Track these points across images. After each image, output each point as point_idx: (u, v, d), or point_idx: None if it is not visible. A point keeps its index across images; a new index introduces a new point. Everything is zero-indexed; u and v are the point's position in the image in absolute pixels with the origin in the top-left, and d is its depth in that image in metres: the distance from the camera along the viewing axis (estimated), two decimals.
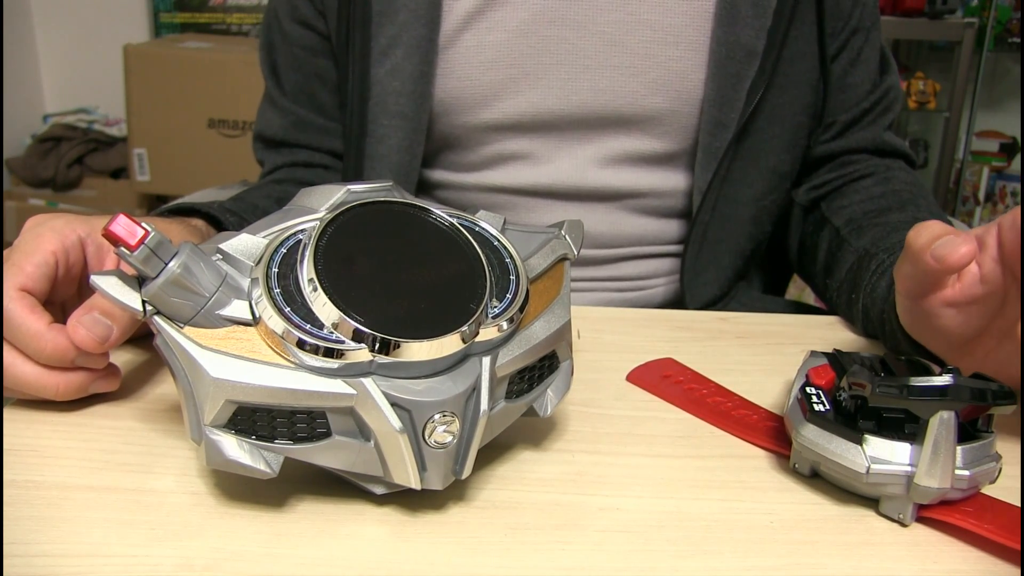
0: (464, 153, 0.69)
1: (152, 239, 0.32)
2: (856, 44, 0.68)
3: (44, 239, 0.42)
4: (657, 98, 0.65)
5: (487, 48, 0.64)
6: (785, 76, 0.65)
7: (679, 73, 0.64)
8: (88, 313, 0.39)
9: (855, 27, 0.67)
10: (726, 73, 0.63)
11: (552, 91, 0.65)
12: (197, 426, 0.33)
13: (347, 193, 0.37)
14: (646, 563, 0.33)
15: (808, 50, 0.66)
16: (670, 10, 0.63)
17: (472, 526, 0.35)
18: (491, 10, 0.64)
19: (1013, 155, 2.45)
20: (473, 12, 0.64)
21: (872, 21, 0.69)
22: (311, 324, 0.32)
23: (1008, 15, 2.33)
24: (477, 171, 0.70)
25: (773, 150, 0.67)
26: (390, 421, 0.32)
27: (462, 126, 0.67)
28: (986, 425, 0.37)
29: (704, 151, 0.65)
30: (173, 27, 2.47)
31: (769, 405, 0.46)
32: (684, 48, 0.64)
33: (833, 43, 0.67)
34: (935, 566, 0.34)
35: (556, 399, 0.40)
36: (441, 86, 0.66)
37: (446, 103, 0.66)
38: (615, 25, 0.64)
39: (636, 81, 0.65)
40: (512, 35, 0.64)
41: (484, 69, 0.65)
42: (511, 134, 0.67)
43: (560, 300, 0.39)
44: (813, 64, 0.66)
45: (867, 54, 0.69)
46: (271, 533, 0.34)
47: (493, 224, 0.40)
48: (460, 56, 0.65)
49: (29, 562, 0.31)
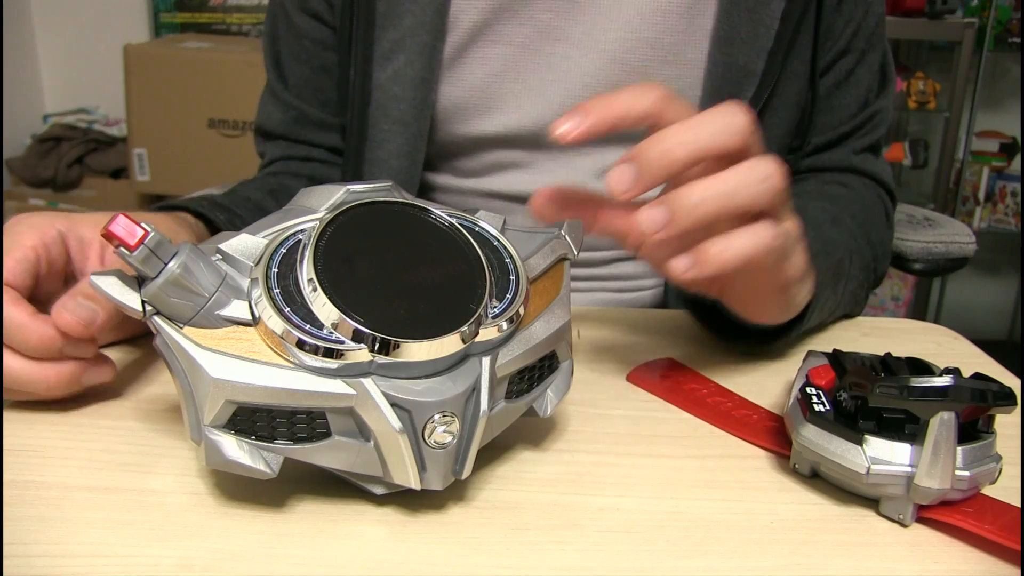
0: (464, 160, 0.69)
1: (151, 239, 0.32)
2: (844, 66, 0.67)
3: (23, 235, 0.42)
4: None
5: (492, 60, 0.65)
6: (779, 97, 0.65)
7: (677, 91, 0.63)
8: (72, 299, 0.39)
9: (844, 48, 0.67)
10: (723, 93, 0.63)
11: (553, 106, 0.65)
12: (197, 426, 0.33)
13: (347, 193, 0.37)
14: (646, 563, 0.33)
15: (802, 70, 0.65)
16: (670, 28, 0.63)
17: (472, 526, 0.35)
18: (498, 24, 0.64)
19: (1013, 155, 2.45)
20: (480, 25, 0.64)
21: (869, 44, 0.68)
22: (311, 324, 0.32)
23: (1008, 15, 2.32)
24: (477, 177, 0.70)
25: None
26: (390, 421, 0.32)
27: (463, 135, 0.67)
28: (986, 426, 0.37)
29: None
30: (173, 27, 2.47)
31: (769, 405, 0.46)
32: (682, 67, 0.64)
33: (821, 63, 0.66)
34: (935, 566, 0.34)
35: (556, 399, 0.40)
36: (446, 94, 0.66)
37: (449, 111, 0.66)
38: (616, 43, 0.64)
39: None
40: (517, 49, 0.65)
41: (488, 81, 0.65)
42: (511, 145, 0.67)
43: (560, 300, 0.39)
44: (803, 85, 0.66)
45: (859, 76, 0.68)
46: (271, 533, 0.34)
47: (493, 224, 0.40)
48: (465, 67, 0.65)
49: (29, 562, 0.31)
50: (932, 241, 1.44)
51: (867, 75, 0.68)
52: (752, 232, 0.40)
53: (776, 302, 0.46)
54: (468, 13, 0.64)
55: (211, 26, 2.47)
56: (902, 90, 2.20)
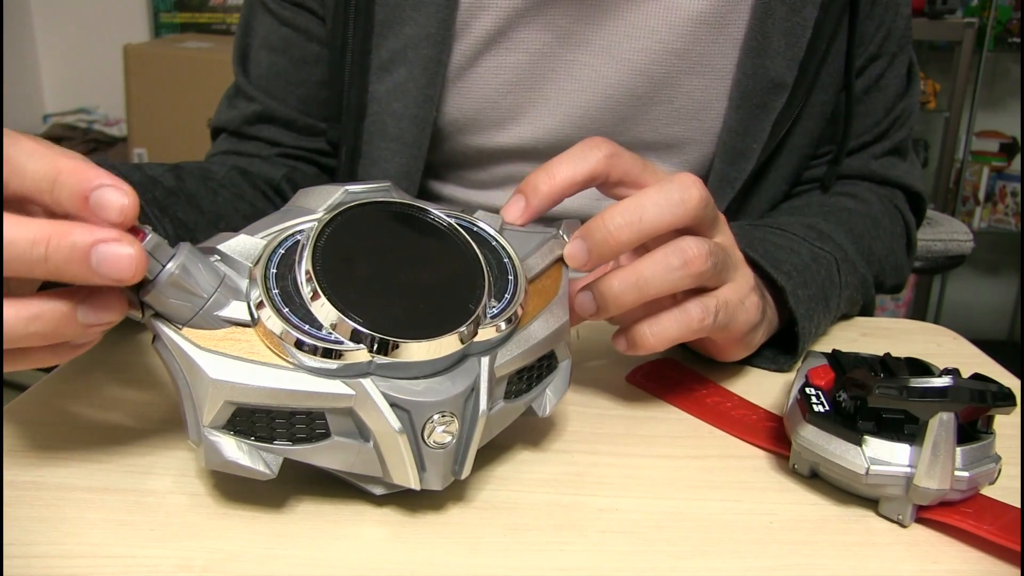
0: (475, 171, 0.67)
1: (149, 241, 0.31)
2: (875, 71, 0.65)
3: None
4: (678, 127, 0.63)
5: (506, 69, 0.61)
6: (808, 108, 0.63)
7: (702, 102, 0.62)
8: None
9: (875, 54, 0.65)
10: (751, 104, 0.61)
11: (571, 118, 0.62)
12: (196, 427, 0.33)
13: (345, 193, 0.37)
14: (646, 563, 0.33)
15: (832, 81, 0.63)
16: (700, 39, 0.60)
17: (471, 526, 0.35)
18: (512, 31, 0.60)
19: (1013, 155, 2.45)
20: (494, 32, 0.60)
21: (900, 46, 0.66)
22: (310, 325, 0.32)
23: (1008, 15, 2.32)
24: (487, 189, 0.67)
25: (778, 181, 0.65)
26: (389, 422, 0.32)
27: (476, 148, 0.64)
28: (986, 426, 0.37)
29: (720, 179, 0.63)
30: (173, 27, 2.47)
31: (769, 405, 0.46)
32: (711, 78, 0.61)
33: (853, 70, 0.64)
34: (935, 566, 0.34)
35: (555, 399, 0.40)
36: (457, 106, 0.62)
37: (460, 123, 0.63)
38: (641, 53, 0.60)
39: (659, 110, 0.62)
40: (533, 57, 0.61)
41: (503, 92, 0.62)
42: (525, 158, 0.64)
43: (558, 300, 0.39)
44: (831, 95, 0.63)
45: (888, 80, 0.66)
46: (270, 534, 0.34)
47: (491, 224, 0.40)
48: (478, 77, 0.62)
49: (29, 563, 0.31)
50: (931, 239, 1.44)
51: (895, 79, 0.67)
52: (679, 314, 0.42)
53: (732, 350, 0.48)
54: (481, 20, 0.60)
55: (211, 26, 2.47)
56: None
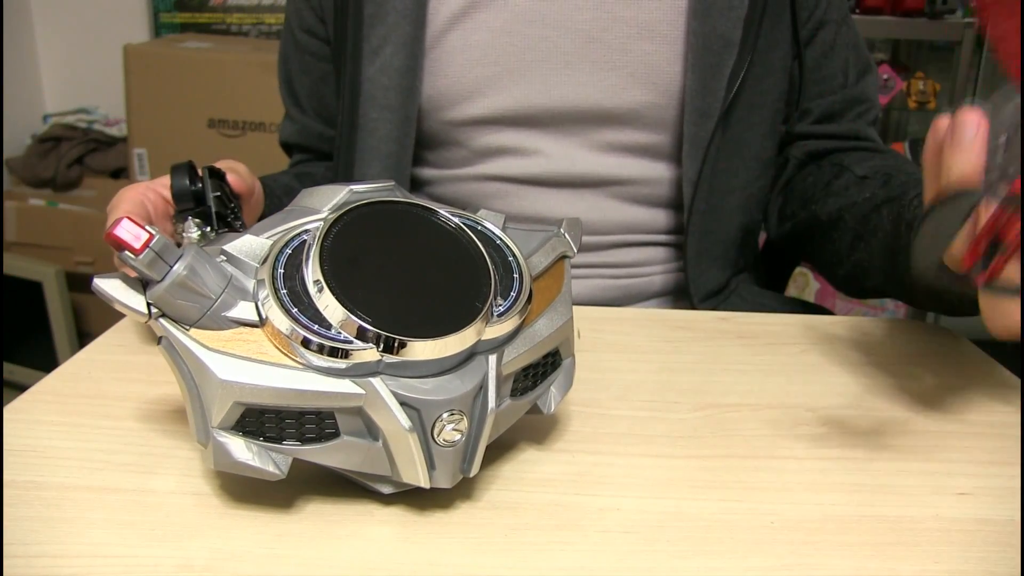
0: (454, 149, 0.72)
1: (157, 243, 0.32)
2: (826, 37, 0.71)
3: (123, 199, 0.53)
4: (635, 91, 0.67)
5: (472, 47, 0.68)
6: (762, 65, 0.67)
7: (655, 66, 0.67)
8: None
9: (822, 19, 0.70)
10: (705, 64, 0.65)
11: (534, 87, 0.68)
12: (204, 428, 0.33)
13: (350, 193, 0.37)
14: (646, 563, 0.33)
15: (782, 38, 0.68)
16: (644, 6, 0.66)
17: (473, 526, 0.35)
18: (475, 11, 0.67)
19: None
20: (458, 13, 0.67)
21: (841, 15, 0.71)
22: (318, 324, 0.32)
23: None
24: (468, 166, 0.72)
25: (755, 138, 0.70)
26: (400, 420, 0.32)
27: (450, 122, 0.70)
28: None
29: (690, 142, 0.67)
30: (173, 27, 2.47)
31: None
32: (659, 42, 0.66)
33: (803, 32, 0.69)
34: (935, 566, 0.34)
35: (559, 396, 0.40)
36: (429, 83, 0.69)
37: (434, 99, 0.69)
38: (591, 23, 0.66)
39: (614, 75, 0.67)
40: (495, 34, 0.67)
41: (469, 67, 0.68)
42: (497, 128, 0.70)
43: (562, 298, 0.39)
44: (787, 51, 0.69)
45: (840, 48, 0.71)
46: (272, 534, 0.34)
47: (495, 223, 0.40)
48: (446, 55, 0.68)
49: (29, 562, 0.32)
50: None
51: (847, 49, 0.72)
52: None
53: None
54: (447, 4, 0.67)
55: (211, 26, 2.47)
56: (902, 90, 2.20)
